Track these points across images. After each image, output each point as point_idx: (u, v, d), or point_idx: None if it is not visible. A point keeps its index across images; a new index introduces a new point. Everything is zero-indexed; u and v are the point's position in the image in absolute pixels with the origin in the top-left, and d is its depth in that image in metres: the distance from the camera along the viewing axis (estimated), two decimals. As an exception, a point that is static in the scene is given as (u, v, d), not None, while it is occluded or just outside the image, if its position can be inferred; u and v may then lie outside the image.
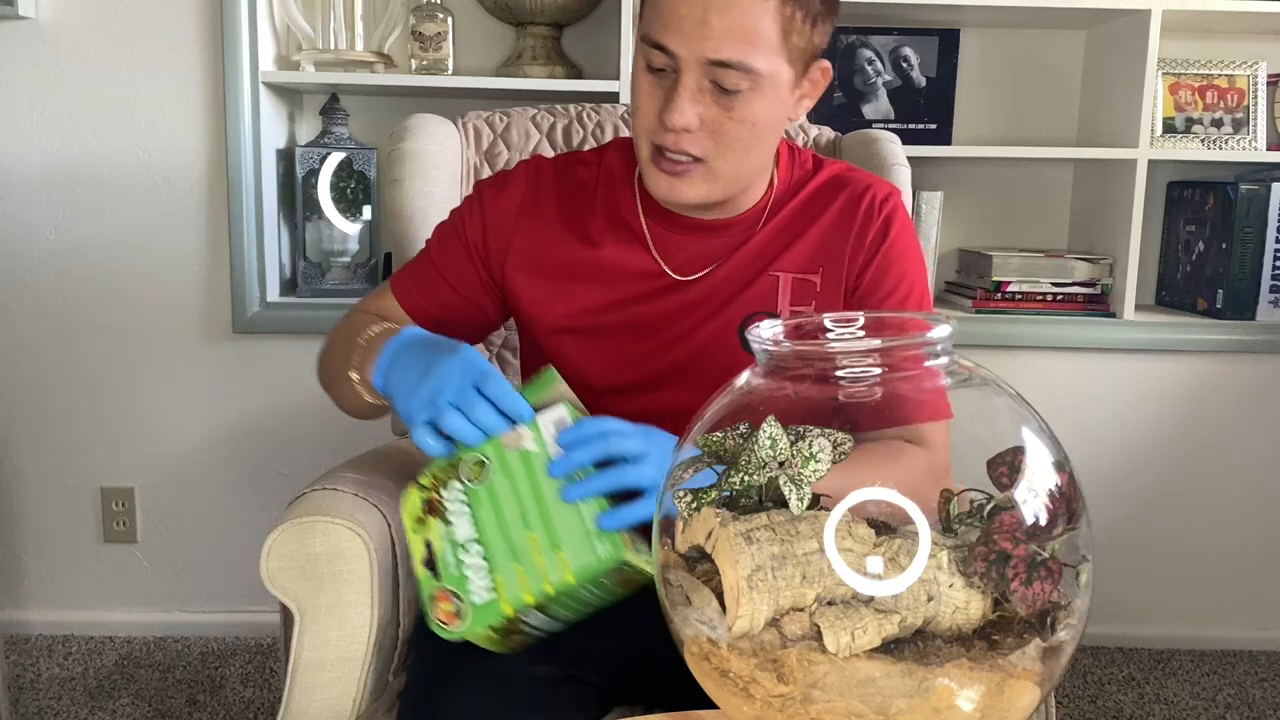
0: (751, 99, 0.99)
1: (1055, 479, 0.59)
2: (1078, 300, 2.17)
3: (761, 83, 0.99)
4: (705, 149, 1.01)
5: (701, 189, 1.04)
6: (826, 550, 0.56)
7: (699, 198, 1.05)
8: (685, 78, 0.98)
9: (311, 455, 2.18)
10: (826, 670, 0.56)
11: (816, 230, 1.13)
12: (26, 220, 2.11)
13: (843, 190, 1.14)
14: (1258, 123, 2.18)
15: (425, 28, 2.05)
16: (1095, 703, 2.10)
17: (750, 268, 1.12)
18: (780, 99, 1.02)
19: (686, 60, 0.97)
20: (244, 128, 2.03)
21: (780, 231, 1.13)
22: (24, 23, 2.03)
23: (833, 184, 1.15)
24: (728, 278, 1.12)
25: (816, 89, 1.08)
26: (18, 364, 2.16)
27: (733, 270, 1.12)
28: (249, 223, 2.06)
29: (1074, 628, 0.58)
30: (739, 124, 1.00)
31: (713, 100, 0.99)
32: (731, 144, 1.01)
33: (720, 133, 1.01)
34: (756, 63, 0.97)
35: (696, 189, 1.04)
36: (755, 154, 1.05)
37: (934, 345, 0.60)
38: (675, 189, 1.04)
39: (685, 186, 1.04)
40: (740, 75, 0.97)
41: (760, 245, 1.12)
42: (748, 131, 1.01)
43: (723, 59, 0.96)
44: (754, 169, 1.08)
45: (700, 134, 1.00)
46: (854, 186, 1.14)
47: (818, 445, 0.59)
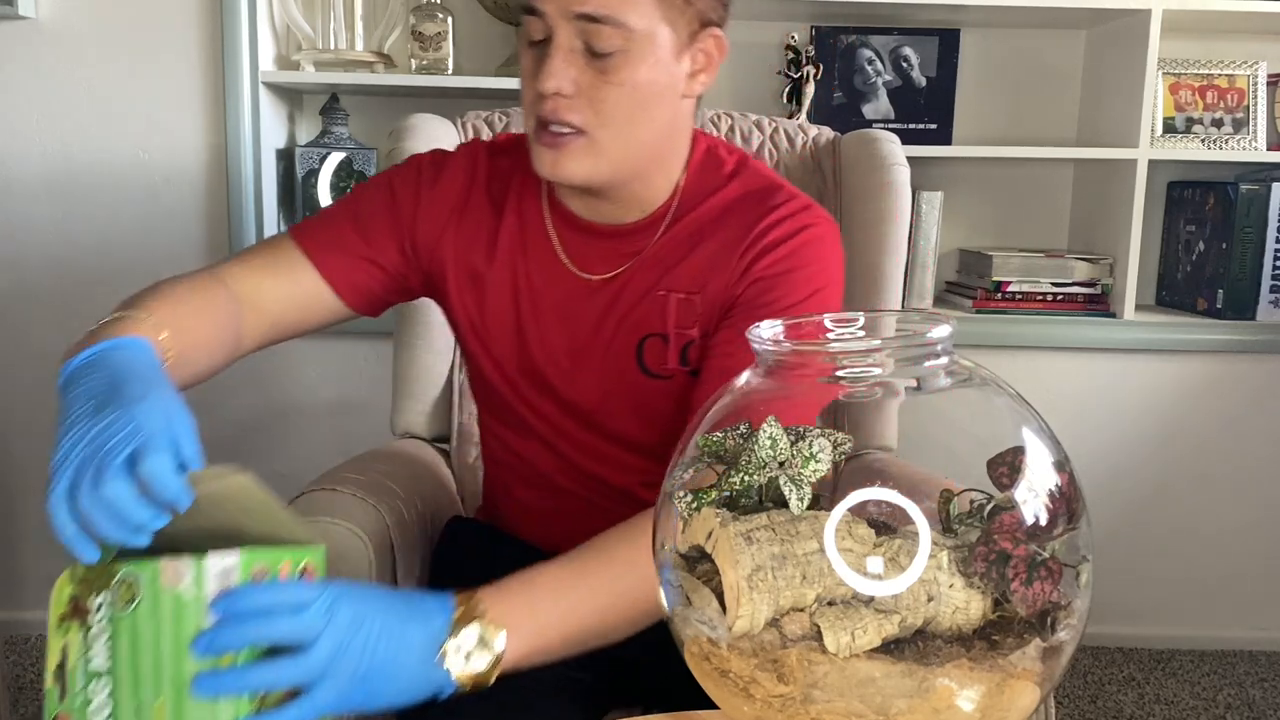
0: (629, 61, 0.94)
1: (1055, 479, 0.59)
2: (1078, 300, 2.17)
3: (637, 42, 0.94)
4: (585, 118, 0.96)
5: (585, 163, 0.98)
6: (827, 550, 0.56)
7: (583, 174, 0.99)
8: (557, 37, 0.94)
9: (311, 455, 2.18)
10: (827, 670, 0.56)
11: (707, 249, 1.05)
12: (26, 220, 2.11)
13: (748, 210, 1.06)
14: (1258, 123, 2.18)
15: (425, 28, 2.05)
16: (1095, 703, 2.10)
17: (645, 279, 1.06)
18: (662, 64, 0.97)
19: (554, 18, 0.94)
20: (244, 128, 2.03)
21: (678, 244, 1.06)
22: (24, 23, 2.03)
23: (741, 201, 1.07)
24: (626, 286, 1.07)
25: (711, 62, 1.02)
26: (18, 364, 2.16)
27: (631, 278, 1.07)
28: (249, 223, 2.06)
29: (1074, 628, 0.58)
30: (617, 88, 0.95)
31: (587, 63, 0.95)
32: (612, 112, 0.96)
33: (598, 98, 0.95)
34: (629, 18, 0.93)
35: (580, 163, 0.98)
36: (642, 127, 0.99)
37: (934, 345, 0.60)
38: (558, 164, 0.98)
39: (568, 160, 0.98)
40: (613, 32, 0.93)
41: (658, 254, 1.06)
42: (628, 98, 0.96)
43: (590, 11, 0.92)
44: (642, 145, 1.00)
45: (578, 100, 0.95)
46: (761, 209, 1.05)
47: (818, 445, 0.59)
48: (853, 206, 1.52)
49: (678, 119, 1.04)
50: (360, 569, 1.08)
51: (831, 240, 1.07)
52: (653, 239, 1.07)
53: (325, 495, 1.13)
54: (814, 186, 1.57)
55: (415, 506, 1.24)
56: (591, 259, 1.08)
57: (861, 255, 1.50)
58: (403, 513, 1.19)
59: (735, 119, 1.61)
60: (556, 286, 1.08)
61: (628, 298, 1.07)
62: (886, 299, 1.50)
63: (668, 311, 1.06)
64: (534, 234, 1.09)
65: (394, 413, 1.54)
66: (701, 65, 1.01)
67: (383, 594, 0.80)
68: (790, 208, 1.05)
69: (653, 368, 1.07)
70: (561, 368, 1.09)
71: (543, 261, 1.09)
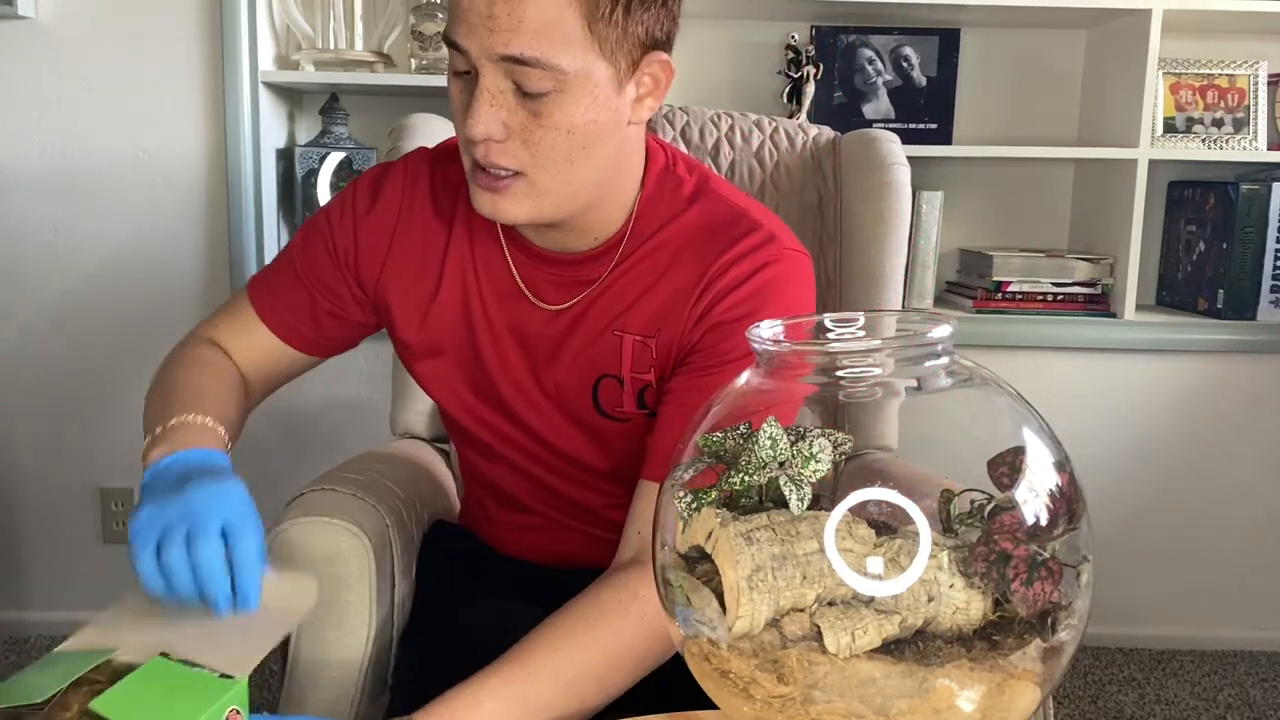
0: (562, 102, 0.86)
1: (1056, 479, 0.58)
2: (1078, 300, 2.16)
3: (570, 83, 0.85)
4: (521, 160, 0.89)
5: (526, 206, 0.91)
6: (827, 550, 0.56)
7: (526, 216, 0.92)
8: (483, 79, 0.86)
9: (311, 455, 2.18)
10: (827, 671, 0.55)
11: (664, 288, 0.99)
12: (26, 220, 2.11)
13: (707, 245, 0.99)
14: (1258, 122, 2.18)
15: (425, 27, 2.05)
16: (1095, 703, 2.10)
17: (601, 315, 1.01)
18: (600, 101, 0.88)
19: (479, 59, 0.85)
20: (244, 127, 2.03)
21: (635, 278, 1.00)
22: (24, 23, 2.03)
23: (701, 234, 0.99)
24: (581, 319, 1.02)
25: (659, 86, 0.92)
26: (18, 364, 2.16)
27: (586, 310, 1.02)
28: (249, 223, 2.06)
29: (1074, 628, 0.58)
30: (552, 132, 0.87)
31: (518, 105, 0.87)
32: (549, 154, 0.88)
33: (534, 142, 0.88)
34: (558, 59, 0.84)
35: (520, 206, 0.91)
36: (583, 167, 0.90)
37: (934, 345, 0.60)
38: (497, 206, 0.91)
39: (508, 204, 0.91)
40: (543, 74, 0.84)
41: (614, 287, 1.01)
42: (565, 140, 0.88)
43: (515, 54, 0.83)
44: (587, 184, 0.93)
45: (512, 143, 0.88)
46: (719, 243, 0.98)
47: (818, 445, 0.59)
48: (853, 206, 1.52)
49: (625, 147, 0.96)
50: (360, 568, 1.07)
51: (796, 275, 0.99)
52: (608, 267, 1.01)
53: (325, 495, 1.13)
54: (814, 186, 1.57)
55: (414, 506, 1.24)
56: (546, 287, 1.02)
57: (861, 255, 1.50)
58: (402, 513, 1.19)
59: (735, 119, 1.61)
60: (511, 310, 1.03)
61: (583, 333, 1.02)
62: (887, 299, 1.50)
63: (623, 354, 1.01)
64: (486, 252, 1.03)
65: (394, 413, 1.54)
66: (648, 89, 0.92)
67: None
68: (750, 242, 0.98)
69: (608, 409, 1.03)
70: (521, 389, 1.05)
71: (496, 282, 1.03)
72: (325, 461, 1.35)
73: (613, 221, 1.00)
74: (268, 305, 1.08)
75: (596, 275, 1.01)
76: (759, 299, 0.97)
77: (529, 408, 1.06)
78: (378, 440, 1.50)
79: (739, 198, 1.04)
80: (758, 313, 0.95)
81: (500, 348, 1.04)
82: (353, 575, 1.07)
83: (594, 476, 1.09)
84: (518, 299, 1.03)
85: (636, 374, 1.01)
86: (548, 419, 1.06)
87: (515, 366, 1.05)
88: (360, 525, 1.09)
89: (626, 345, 1.01)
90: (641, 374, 1.01)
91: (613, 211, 1.00)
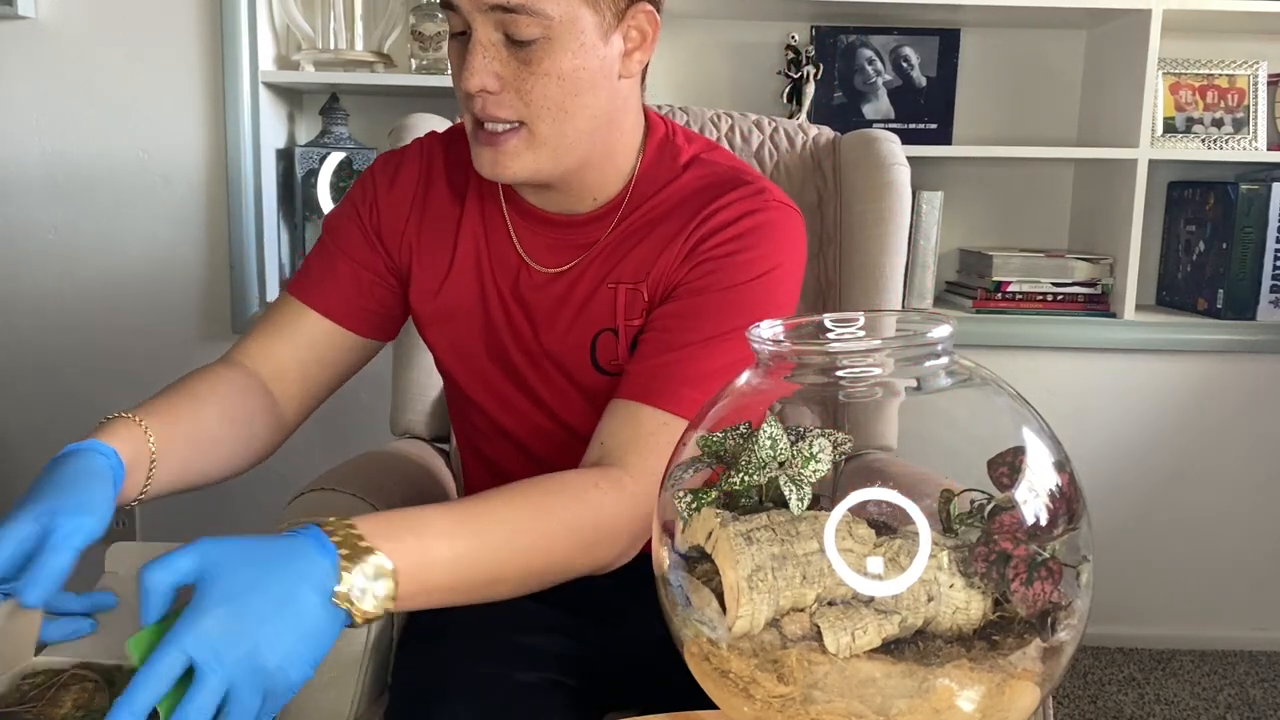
0: (551, 49, 0.91)
1: (1056, 479, 0.58)
2: (1078, 300, 2.16)
3: (557, 29, 0.90)
4: (517, 111, 0.93)
5: (527, 160, 0.96)
6: (827, 550, 0.56)
7: (526, 171, 0.96)
8: (475, 33, 0.91)
9: (311, 455, 2.18)
10: (827, 670, 0.55)
11: (656, 237, 1.03)
12: (26, 220, 2.11)
13: (699, 199, 1.02)
14: (1258, 122, 2.18)
15: (425, 27, 2.05)
16: (1095, 703, 2.10)
17: (596, 273, 1.04)
18: (588, 48, 0.92)
19: (470, 12, 0.91)
20: (244, 127, 2.03)
21: (629, 236, 1.04)
22: (24, 23, 2.03)
23: (696, 194, 1.03)
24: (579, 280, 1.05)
25: (646, 39, 0.97)
26: (18, 364, 2.16)
27: (583, 272, 1.05)
28: (249, 223, 2.06)
29: (1074, 628, 0.58)
30: (544, 78, 0.92)
31: (509, 55, 0.92)
32: (542, 102, 0.93)
33: (526, 90, 0.92)
34: (545, 6, 0.89)
35: (520, 160, 0.95)
36: (577, 115, 0.94)
37: (934, 345, 0.60)
38: (497, 163, 0.96)
39: (507, 159, 0.95)
40: (530, 21, 0.89)
41: (609, 247, 1.04)
42: (556, 86, 0.92)
43: (502, 2, 0.89)
44: (581, 134, 0.96)
45: (507, 95, 0.93)
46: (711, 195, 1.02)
47: (818, 445, 0.59)
48: (853, 206, 1.52)
49: (617, 101, 0.99)
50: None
51: (786, 225, 1.02)
52: (606, 231, 1.04)
53: (325, 495, 1.13)
54: (814, 186, 1.57)
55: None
56: (545, 251, 1.06)
57: (861, 255, 1.50)
58: (402, 513, 1.19)
59: (735, 119, 1.61)
60: (513, 275, 1.07)
61: (580, 292, 1.04)
62: (886, 299, 1.49)
63: (617, 304, 1.03)
64: (493, 222, 1.07)
65: (394, 413, 1.54)
66: (635, 43, 0.96)
67: (252, 549, 0.70)
68: (742, 192, 1.01)
69: (606, 365, 1.05)
70: (528, 352, 1.07)
71: (501, 251, 1.07)
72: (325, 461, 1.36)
73: (611, 184, 1.04)
74: (313, 292, 1.07)
75: (594, 239, 1.04)
76: (745, 240, 0.99)
77: (533, 368, 1.08)
78: (378, 440, 1.50)
79: (735, 162, 1.08)
80: (743, 251, 0.99)
81: (508, 312, 1.07)
82: (353, 575, 1.07)
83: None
84: (518, 264, 1.06)
85: (629, 321, 1.03)
86: (551, 382, 1.07)
87: (522, 331, 1.07)
88: (360, 525, 1.09)
89: (620, 295, 1.03)
90: (634, 320, 1.03)
91: (610, 173, 1.03)
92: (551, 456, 1.10)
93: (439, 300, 1.09)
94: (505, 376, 1.09)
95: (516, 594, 0.84)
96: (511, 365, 1.08)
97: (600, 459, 0.93)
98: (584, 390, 1.07)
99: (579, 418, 1.08)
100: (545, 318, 1.06)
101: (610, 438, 0.94)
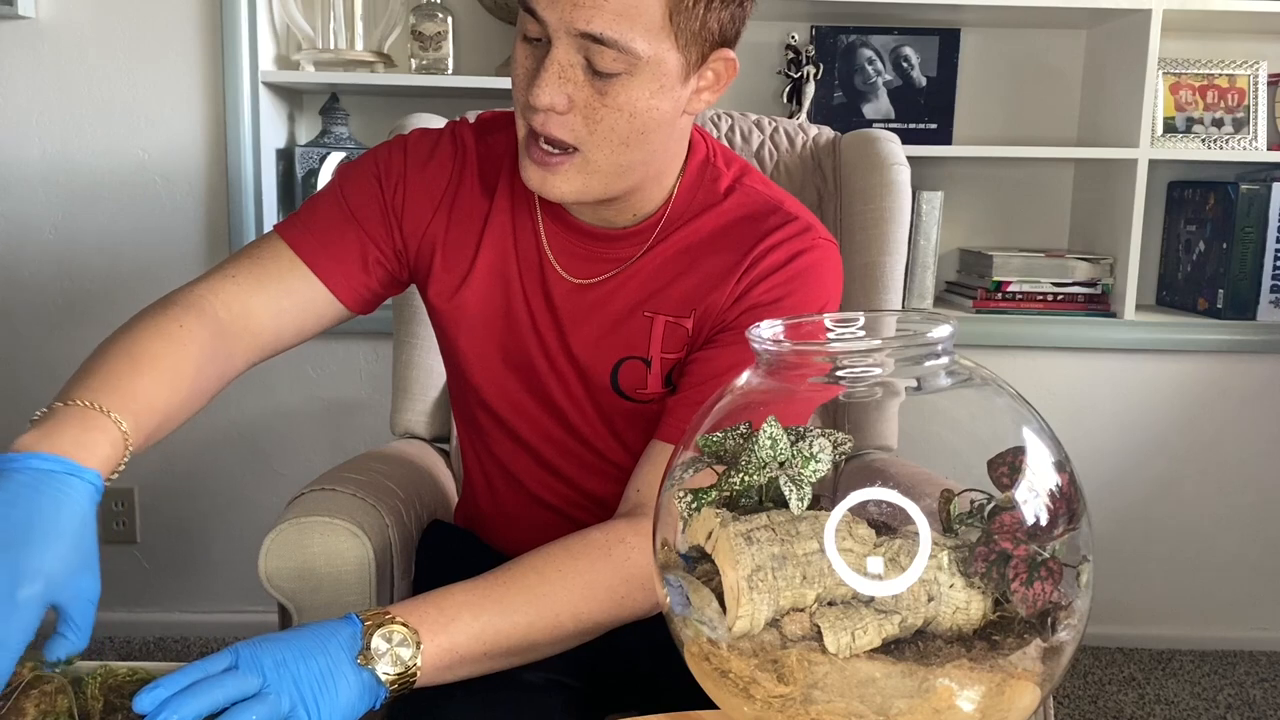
0: (629, 85, 0.88)
1: (1056, 479, 0.58)
2: (1078, 300, 2.16)
3: (641, 67, 0.88)
4: (578, 135, 0.91)
5: (576, 183, 0.94)
6: (827, 550, 0.56)
7: (573, 193, 0.95)
8: (555, 50, 0.87)
9: (311, 455, 2.18)
10: (827, 671, 0.55)
11: (699, 272, 1.01)
12: (26, 220, 2.11)
13: (745, 233, 1.01)
14: (1258, 122, 2.18)
15: (425, 27, 2.05)
16: (1095, 703, 2.10)
17: (630, 295, 1.03)
18: (666, 89, 0.90)
19: (556, 30, 0.87)
20: (244, 127, 2.03)
21: (667, 262, 1.02)
22: (24, 23, 2.03)
23: (738, 224, 1.02)
24: (610, 298, 1.03)
25: (720, 82, 0.95)
26: (18, 363, 2.16)
27: (616, 290, 1.03)
28: (249, 223, 2.06)
29: (1074, 628, 0.58)
30: (615, 112, 0.89)
31: (586, 81, 0.89)
32: (607, 134, 0.91)
33: (593, 119, 0.90)
34: (635, 43, 0.86)
35: (570, 183, 0.93)
36: (636, 150, 0.93)
37: (934, 345, 0.60)
38: (546, 182, 0.94)
39: (558, 180, 0.93)
40: (616, 55, 0.86)
41: (645, 270, 1.03)
42: (625, 122, 0.90)
43: (594, 33, 0.85)
44: (636, 167, 0.95)
45: (572, 117, 0.90)
46: (758, 231, 1.01)
47: (818, 445, 0.59)
48: (853, 206, 1.52)
49: (675, 135, 0.99)
50: (360, 568, 1.07)
51: (829, 263, 1.03)
52: (641, 249, 1.03)
53: (325, 495, 1.13)
54: (814, 186, 1.57)
55: (414, 507, 1.24)
56: (575, 260, 1.04)
57: (861, 255, 1.50)
58: (401, 513, 1.19)
59: (735, 119, 1.61)
60: (542, 283, 1.05)
61: (612, 311, 1.03)
62: (887, 299, 1.50)
63: (653, 334, 1.02)
64: (523, 224, 1.05)
65: (394, 413, 1.54)
66: (709, 84, 0.95)
67: (283, 633, 0.79)
68: (789, 230, 1.01)
69: (626, 390, 1.04)
70: (549, 354, 1.06)
71: (529, 254, 1.05)
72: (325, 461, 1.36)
73: (651, 202, 1.03)
74: (309, 244, 1.00)
75: (628, 255, 1.03)
76: (795, 283, 1.00)
77: (553, 375, 1.06)
78: (378, 440, 1.50)
79: (774, 190, 1.07)
80: (793, 295, 1.00)
81: (534, 315, 1.05)
82: (351, 575, 1.07)
83: (606, 464, 1.09)
84: (546, 269, 1.05)
85: (667, 354, 1.03)
86: (569, 391, 1.07)
87: (548, 335, 1.05)
88: (360, 525, 1.09)
89: (657, 326, 1.02)
90: (672, 353, 1.03)
91: (654, 193, 1.02)
92: (560, 462, 1.10)
93: (459, 297, 1.06)
94: (520, 380, 1.08)
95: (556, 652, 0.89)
96: (530, 369, 1.07)
97: (633, 509, 0.95)
98: (599, 407, 1.07)
99: (591, 429, 1.08)
100: (573, 324, 1.05)
101: (646, 486, 0.96)
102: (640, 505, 0.95)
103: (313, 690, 0.74)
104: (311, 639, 0.77)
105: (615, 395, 1.05)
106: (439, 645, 0.80)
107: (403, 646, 0.79)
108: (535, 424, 1.09)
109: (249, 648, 0.75)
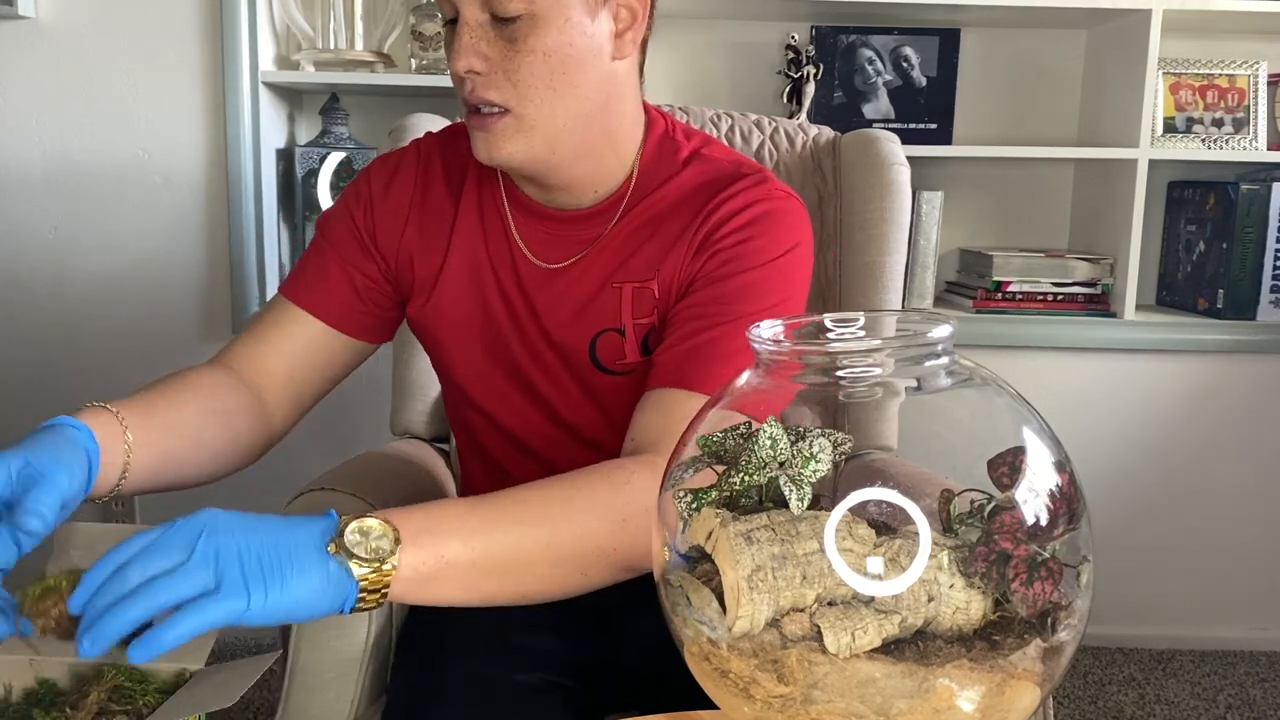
0: (536, 26, 0.91)
1: (1056, 479, 0.58)
2: (1078, 300, 2.16)
3: (541, 5, 0.91)
4: (505, 94, 0.93)
5: (518, 142, 0.95)
6: (827, 550, 0.56)
7: (520, 154, 0.96)
8: (463, 14, 0.92)
9: (311, 455, 2.18)
10: (827, 671, 0.55)
11: (662, 235, 1.03)
12: (26, 220, 2.11)
13: (703, 194, 1.03)
14: (1258, 122, 2.18)
15: (425, 27, 2.05)
16: (1095, 703, 2.10)
17: (599, 271, 1.04)
18: (574, 24, 0.93)
19: None
20: (244, 127, 2.03)
21: (632, 233, 1.04)
22: (24, 23, 2.03)
23: (698, 189, 1.03)
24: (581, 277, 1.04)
25: (636, 18, 0.97)
26: (18, 364, 2.16)
27: (586, 269, 1.04)
28: (249, 223, 2.06)
29: (1075, 628, 0.58)
30: (528, 55, 0.92)
31: (496, 35, 0.92)
32: (530, 82, 0.93)
33: (513, 70, 0.92)
34: None
35: (513, 143, 0.95)
36: (566, 95, 0.94)
37: (934, 345, 0.60)
38: (491, 146, 0.95)
39: (500, 141, 0.95)
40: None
41: (612, 244, 1.04)
42: (543, 65, 0.92)
43: None
44: (573, 115, 0.96)
45: (494, 76, 0.93)
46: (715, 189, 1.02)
47: (818, 445, 0.59)
48: (853, 206, 1.52)
49: (613, 85, 0.99)
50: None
51: (790, 213, 1.02)
52: (608, 226, 1.04)
53: (325, 495, 1.13)
54: (814, 186, 1.57)
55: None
56: (547, 246, 1.05)
57: (861, 255, 1.50)
58: (402, 513, 1.18)
59: (735, 119, 1.61)
60: (515, 273, 1.06)
61: (583, 290, 1.04)
62: (887, 299, 1.49)
63: (623, 303, 1.03)
64: (492, 218, 1.07)
65: (394, 413, 1.54)
66: (626, 23, 0.96)
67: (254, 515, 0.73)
68: (745, 183, 1.02)
69: (606, 363, 1.05)
70: (528, 343, 1.07)
71: (499, 246, 1.07)
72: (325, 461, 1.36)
73: (612, 178, 1.04)
74: (304, 293, 1.06)
75: (595, 234, 1.04)
76: (755, 227, 1.00)
77: (535, 363, 1.07)
78: (378, 440, 1.50)
79: (734, 156, 1.08)
80: (755, 239, 0.99)
81: (510, 304, 1.06)
82: (353, 575, 1.07)
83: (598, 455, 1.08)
84: (518, 258, 1.06)
85: (639, 319, 1.03)
86: (554, 377, 1.07)
87: (524, 322, 1.06)
88: (360, 525, 1.09)
89: (626, 294, 1.03)
90: (644, 318, 1.03)
91: (611, 164, 1.03)
92: (552, 455, 1.10)
93: (434, 297, 1.08)
94: (503, 373, 1.09)
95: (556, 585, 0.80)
96: (511, 360, 1.08)
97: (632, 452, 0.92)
98: (584, 386, 1.06)
99: (577, 415, 1.07)
100: (548, 309, 1.05)
101: (641, 431, 0.93)
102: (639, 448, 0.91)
103: (259, 568, 0.68)
104: (276, 520, 0.72)
105: (596, 370, 1.05)
106: (421, 546, 0.73)
107: (380, 540, 0.71)
108: (524, 418, 1.09)
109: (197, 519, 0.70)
